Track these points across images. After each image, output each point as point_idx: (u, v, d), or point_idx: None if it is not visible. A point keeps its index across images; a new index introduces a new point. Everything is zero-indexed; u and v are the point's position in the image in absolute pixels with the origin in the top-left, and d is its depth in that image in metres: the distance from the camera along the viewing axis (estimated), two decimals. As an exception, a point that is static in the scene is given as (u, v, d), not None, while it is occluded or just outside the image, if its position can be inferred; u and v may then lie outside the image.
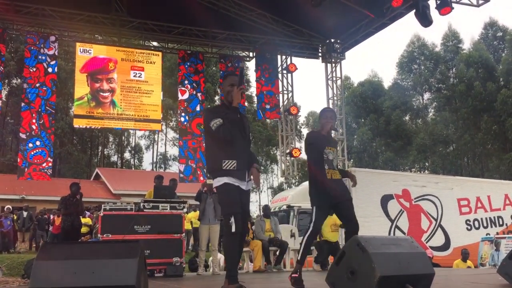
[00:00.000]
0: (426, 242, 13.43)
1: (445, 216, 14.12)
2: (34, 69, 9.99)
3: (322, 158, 4.86)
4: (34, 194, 23.86)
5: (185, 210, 8.24)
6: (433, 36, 55.28)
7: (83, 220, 14.53)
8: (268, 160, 45.94)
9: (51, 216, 15.90)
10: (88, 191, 24.16)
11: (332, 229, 9.35)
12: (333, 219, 9.47)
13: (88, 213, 15.69)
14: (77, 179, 21.46)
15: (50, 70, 10.16)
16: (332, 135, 5.29)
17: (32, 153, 9.68)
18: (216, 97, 34.51)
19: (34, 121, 9.79)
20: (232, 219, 3.94)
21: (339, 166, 5.18)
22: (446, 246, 13.98)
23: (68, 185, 9.61)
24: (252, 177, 4.26)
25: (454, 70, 42.75)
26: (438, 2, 9.53)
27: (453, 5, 9.53)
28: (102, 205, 7.87)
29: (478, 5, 9.97)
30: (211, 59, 21.00)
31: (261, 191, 47.22)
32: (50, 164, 10.01)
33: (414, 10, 9.56)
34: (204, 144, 4.51)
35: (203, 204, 8.85)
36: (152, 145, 44.30)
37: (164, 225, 7.71)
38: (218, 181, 4.09)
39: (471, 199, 14.76)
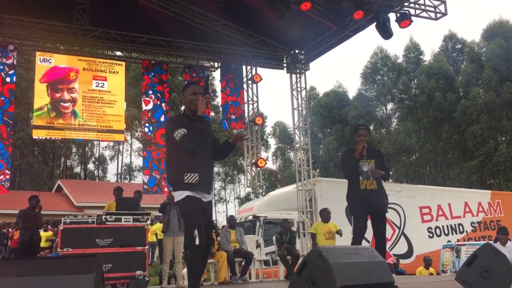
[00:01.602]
0: (390, 250, 13.65)
1: (407, 224, 14.42)
2: (-9, 79, 9.69)
3: (357, 171, 5.38)
4: (-8, 207, 23.01)
5: (148, 222, 8.11)
6: (396, 48, 56.82)
7: (46, 234, 14.13)
8: (235, 170, 45.87)
9: (10, 230, 15.37)
10: (49, 203, 23.50)
11: (326, 237, 9.26)
12: (328, 226, 9.44)
13: (49, 227, 15.24)
14: (37, 191, 20.85)
15: (8, 79, 9.86)
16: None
17: (-12, 165, 9.35)
18: (183, 107, 34.24)
19: (-10, 132, 9.48)
20: (196, 232, 3.86)
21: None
22: (409, 253, 14.26)
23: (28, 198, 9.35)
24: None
25: (415, 81, 43.94)
26: (398, 15, 9.79)
27: (413, 18, 9.81)
28: (62, 218, 7.66)
29: (436, 19, 10.28)
30: (178, 69, 20.87)
31: (228, 201, 47.09)
32: (7, 177, 9.68)
33: (375, 23, 9.78)
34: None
35: (167, 216, 8.75)
36: (116, 155, 43.56)
37: (127, 237, 7.55)
38: (179, 195, 4.01)
39: (432, 207, 15.14)
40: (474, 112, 36.27)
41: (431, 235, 14.93)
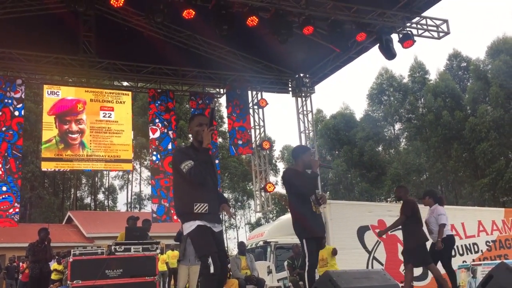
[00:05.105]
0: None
1: (421, 245, 14.10)
2: (0, 113, 9.81)
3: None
4: (3, 241, 23.03)
5: (158, 251, 8.04)
6: (401, 68, 57.08)
7: (57, 267, 14.05)
8: (245, 195, 45.67)
9: (20, 264, 15.34)
10: (59, 235, 23.50)
11: (320, 265, 8.74)
12: (320, 254, 8.96)
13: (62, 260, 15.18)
14: (48, 223, 20.85)
15: (16, 113, 9.99)
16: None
17: (-2, 199, 9.39)
18: (190, 135, 34.41)
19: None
20: (210, 260, 3.85)
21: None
22: (424, 275, 13.92)
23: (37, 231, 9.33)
24: (224, 212, 4.22)
25: (422, 100, 43.90)
26: (401, 35, 9.83)
27: (415, 38, 9.85)
28: (72, 250, 7.61)
29: (439, 38, 10.32)
30: (184, 96, 21.08)
31: (239, 228, 46.76)
32: (17, 210, 9.71)
33: (378, 44, 9.83)
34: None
35: (183, 245, 8.68)
36: (126, 185, 43.64)
37: (136, 268, 7.48)
38: (190, 226, 3.98)
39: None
40: (483, 129, 36.04)
41: (445, 255, 14.59)
